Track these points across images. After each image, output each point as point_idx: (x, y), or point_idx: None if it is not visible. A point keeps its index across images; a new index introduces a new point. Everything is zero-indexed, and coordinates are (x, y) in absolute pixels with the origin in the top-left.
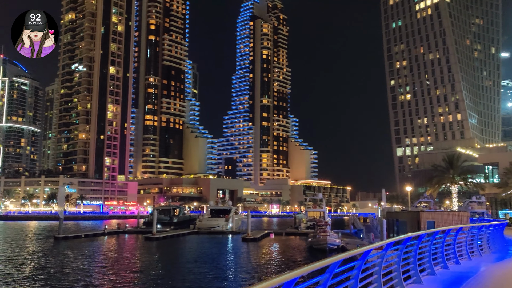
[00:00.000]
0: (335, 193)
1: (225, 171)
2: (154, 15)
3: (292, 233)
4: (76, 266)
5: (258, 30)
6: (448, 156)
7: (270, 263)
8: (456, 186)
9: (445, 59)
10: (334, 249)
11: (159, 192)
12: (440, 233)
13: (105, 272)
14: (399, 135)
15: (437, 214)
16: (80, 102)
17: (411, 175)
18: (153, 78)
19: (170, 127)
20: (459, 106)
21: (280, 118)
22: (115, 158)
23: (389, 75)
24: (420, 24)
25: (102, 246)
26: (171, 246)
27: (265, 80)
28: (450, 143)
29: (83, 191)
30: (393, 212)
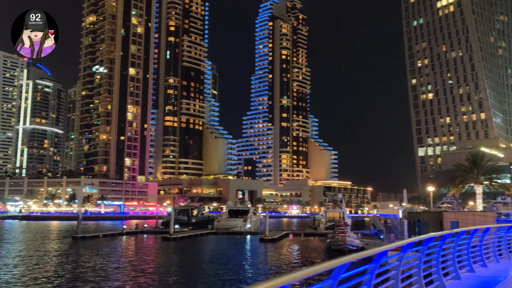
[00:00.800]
0: (355, 194)
1: (245, 172)
2: (174, 16)
3: (311, 234)
4: (90, 266)
5: (277, 30)
6: (472, 155)
7: (286, 264)
8: (481, 186)
9: (468, 57)
10: (354, 250)
11: (179, 193)
12: (465, 233)
13: (119, 272)
14: (421, 134)
15: (461, 214)
16: (100, 104)
17: (433, 175)
18: (173, 79)
19: (189, 128)
20: (483, 105)
21: (299, 118)
22: (135, 159)
23: (411, 74)
24: (442, 22)
25: (118, 246)
26: (188, 246)
27: (284, 80)
28: (473, 142)
29: (104, 192)
30: (415, 213)
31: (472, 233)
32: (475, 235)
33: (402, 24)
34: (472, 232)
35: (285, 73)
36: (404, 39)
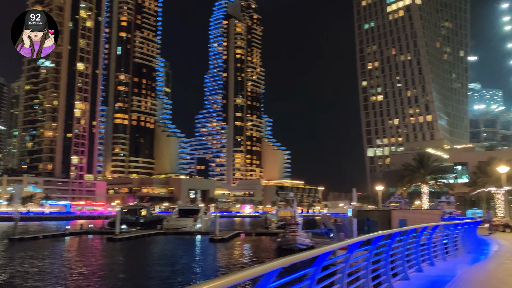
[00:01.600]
0: (307, 193)
1: (198, 171)
2: (126, 11)
3: (263, 233)
4: (20, 271)
5: (232, 29)
6: (419, 155)
7: (235, 264)
8: (427, 185)
9: (416, 60)
10: (304, 249)
11: (129, 192)
12: (414, 231)
13: (53, 276)
14: (370, 135)
15: (409, 212)
16: (46, 99)
17: (382, 175)
18: (124, 76)
19: (140, 126)
20: (429, 107)
21: (253, 118)
22: (83, 157)
23: (361, 76)
24: (392, 26)
25: (58, 248)
26: (134, 247)
27: (239, 79)
28: (420, 144)
29: (49, 191)
30: (364, 211)
31: (421, 231)
32: (424, 232)
33: (354, 27)
34: (421, 230)
35: (239, 72)
36: (356, 41)
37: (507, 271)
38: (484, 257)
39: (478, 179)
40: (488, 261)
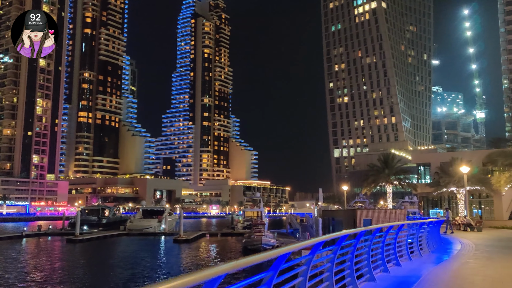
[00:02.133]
0: (274, 193)
1: (164, 171)
2: (91, 7)
3: (229, 234)
4: None
5: (200, 28)
6: (383, 156)
7: (198, 265)
8: (391, 185)
9: (382, 63)
10: (269, 250)
11: (92, 192)
12: (380, 230)
13: (6, 279)
14: (336, 136)
15: (374, 212)
16: (5, 96)
17: (348, 175)
18: (88, 73)
19: (105, 124)
20: (394, 109)
21: (221, 118)
22: (44, 156)
23: (328, 78)
24: (359, 28)
25: (14, 250)
26: (95, 248)
27: (207, 79)
28: (385, 145)
29: (6, 191)
30: (329, 211)
31: (387, 230)
32: (390, 232)
33: (322, 29)
34: (387, 230)
35: (207, 72)
36: (323, 43)
37: (472, 270)
38: (448, 257)
39: (441, 179)
40: (452, 261)
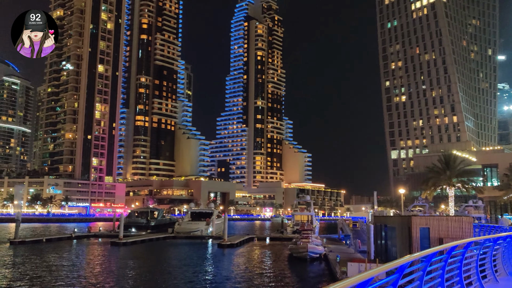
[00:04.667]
0: (329, 196)
1: (218, 174)
2: (147, 14)
3: (277, 238)
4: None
5: (253, 31)
6: (444, 156)
7: (230, 277)
8: (453, 188)
9: (441, 60)
10: (316, 258)
11: (148, 194)
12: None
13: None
14: (393, 137)
15: (432, 219)
16: (67, 101)
17: (406, 178)
18: (145, 78)
19: (161, 128)
20: (455, 108)
21: (274, 120)
22: (102, 159)
23: (384, 76)
24: (416, 24)
25: (51, 252)
26: (135, 252)
27: (259, 81)
28: (445, 146)
29: (69, 192)
30: (381, 217)
31: (448, 251)
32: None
33: (377, 26)
34: (464, 249)
35: (260, 74)
36: (378, 41)
37: None
38: None
39: (511, 181)
40: None
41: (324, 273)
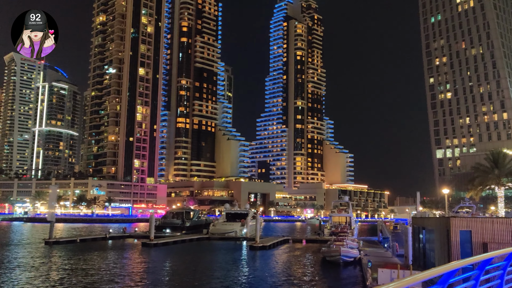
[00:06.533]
0: (372, 197)
1: (258, 175)
2: (186, 17)
3: (313, 240)
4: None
5: (292, 30)
6: (492, 154)
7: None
8: (503, 188)
9: (490, 54)
10: (350, 262)
11: (189, 195)
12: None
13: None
14: (439, 136)
15: (475, 221)
16: (109, 104)
17: (452, 178)
18: (185, 81)
19: (202, 129)
20: (506, 104)
21: (314, 120)
22: (144, 161)
23: (428, 73)
24: (462, 18)
25: (80, 253)
26: (165, 253)
27: (299, 81)
28: (495, 144)
29: (112, 194)
30: (420, 218)
31: (480, 266)
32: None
33: (420, 21)
34: (481, 265)
35: (299, 74)
36: (422, 36)
37: None
38: None
39: None
40: None
41: (357, 280)
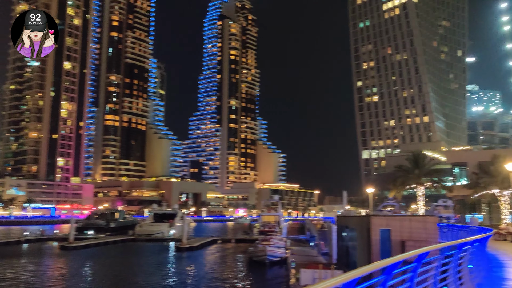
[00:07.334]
0: (302, 197)
1: (191, 174)
2: (117, 11)
3: (243, 240)
4: None
5: (226, 30)
6: (413, 155)
7: (175, 284)
8: (422, 188)
9: (413, 60)
10: (276, 262)
11: (118, 196)
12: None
13: None
14: (365, 137)
15: (394, 220)
16: (31, 99)
17: (377, 178)
18: (115, 77)
19: (132, 127)
20: (426, 108)
21: (248, 120)
22: (69, 159)
23: (356, 76)
24: (388, 24)
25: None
26: (85, 258)
27: (233, 81)
28: (416, 145)
29: (32, 194)
30: (344, 217)
31: (385, 272)
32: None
33: (349, 26)
34: (417, 260)
35: (233, 74)
36: (351, 41)
37: None
38: None
39: (480, 180)
40: None
41: (282, 280)
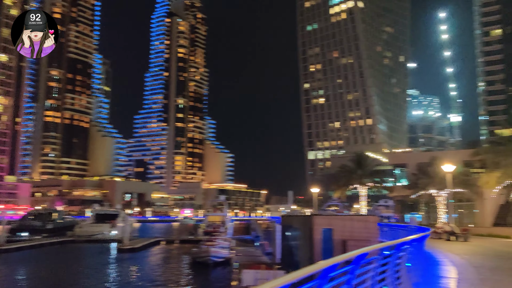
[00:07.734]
0: (250, 197)
1: (136, 174)
2: (60, 3)
3: (187, 241)
4: None
5: (175, 27)
6: (356, 156)
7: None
8: (365, 188)
9: (358, 64)
10: (220, 262)
11: (58, 195)
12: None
13: None
14: (311, 138)
15: (336, 219)
16: None
17: (322, 178)
18: (56, 71)
19: (74, 125)
20: (370, 111)
21: (196, 119)
22: (3, 157)
23: (303, 78)
24: (335, 28)
25: None
26: (17, 261)
27: (181, 79)
28: (360, 147)
29: None
30: (288, 217)
31: (320, 275)
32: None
33: (297, 29)
34: (322, 273)
35: (181, 72)
36: (299, 43)
37: None
38: None
39: (419, 180)
40: None
41: (225, 281)
